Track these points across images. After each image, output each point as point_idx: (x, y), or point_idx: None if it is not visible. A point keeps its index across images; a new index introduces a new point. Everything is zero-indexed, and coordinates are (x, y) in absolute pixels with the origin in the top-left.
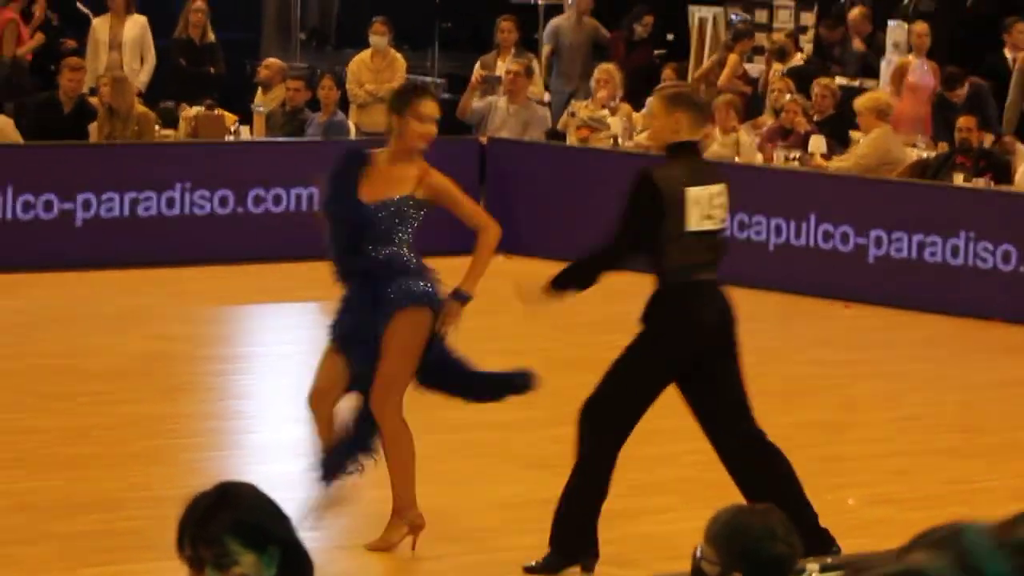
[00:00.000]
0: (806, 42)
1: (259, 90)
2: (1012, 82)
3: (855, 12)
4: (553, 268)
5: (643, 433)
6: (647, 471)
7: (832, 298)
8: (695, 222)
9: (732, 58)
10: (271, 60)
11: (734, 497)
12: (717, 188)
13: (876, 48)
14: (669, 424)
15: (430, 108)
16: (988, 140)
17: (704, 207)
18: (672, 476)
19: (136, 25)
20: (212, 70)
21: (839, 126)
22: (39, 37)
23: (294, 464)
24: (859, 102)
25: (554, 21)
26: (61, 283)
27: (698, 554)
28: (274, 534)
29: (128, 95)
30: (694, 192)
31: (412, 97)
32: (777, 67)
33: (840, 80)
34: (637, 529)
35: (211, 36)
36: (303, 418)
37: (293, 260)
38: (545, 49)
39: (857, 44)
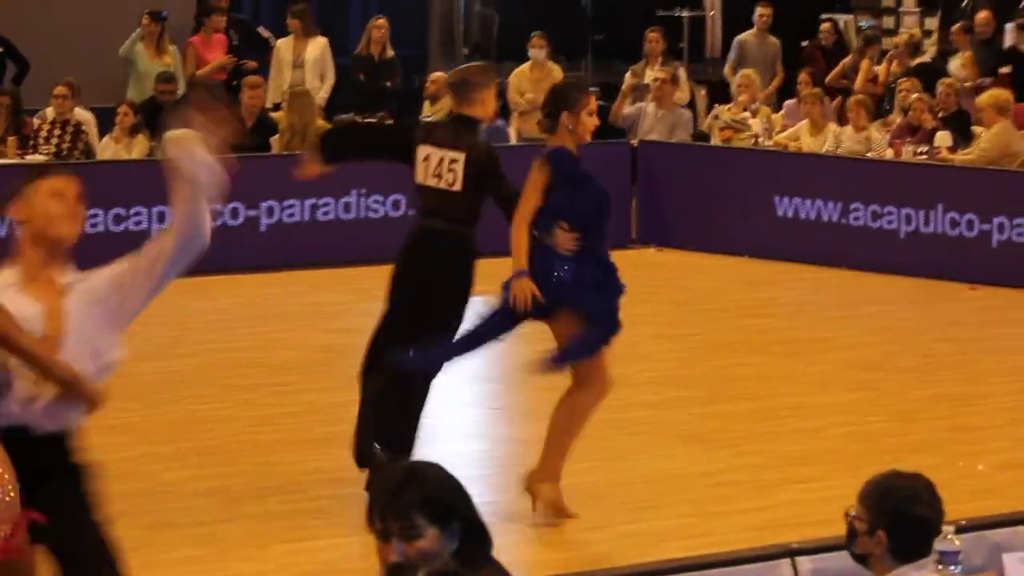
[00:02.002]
0: (930, 45)
1: (427, 102)
2: None
3: (982, 15)
4: (700, 259)
5: (790, 408)
6: (795, 444)
7: (960, 281)
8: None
9: (865, 63)
10: (437, 74)
11: (876, 467)
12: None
13: (996, 49)
14: (815, 400)
15: (595, 104)
16: None
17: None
18: (819, 448)
19: (317, 46)
20: (389, 84)
21: (962, 122)
22: (222, 59)
23: (468, 445)
24: (981, 99)
25: (739, 37)
26: (248, 284)
27: (851, 513)
28: (457, 511)
29: (307, 109)
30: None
31: (582, 95)
32: (895, 68)
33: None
34: (787, 497)
35: (390, 52)
36: (472, 402)
37: None
38: (730, 62)
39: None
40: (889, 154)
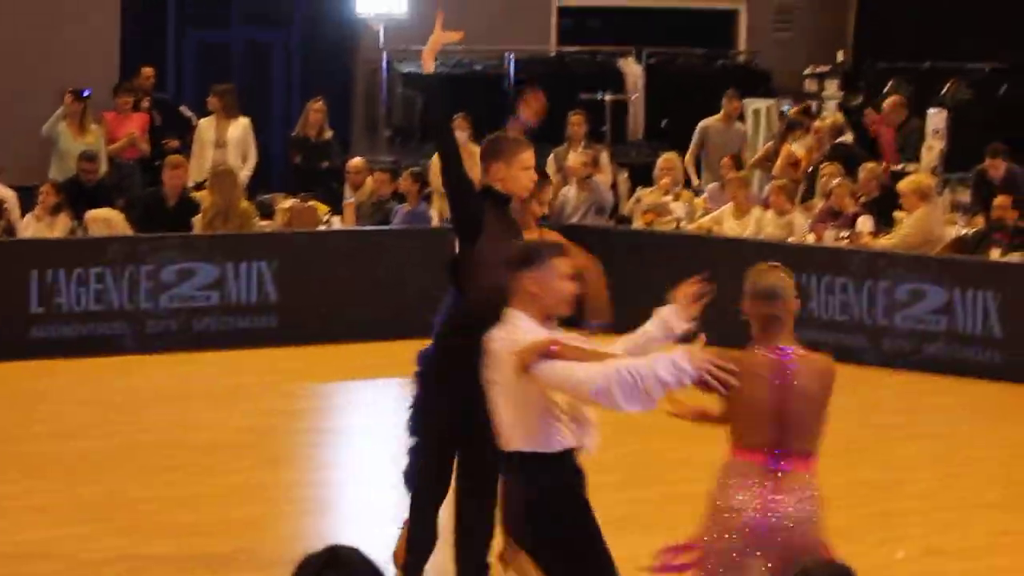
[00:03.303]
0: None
1: (347, 186)
2: None
3: (889, 101)
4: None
5: None
6: None
7: (880, 366)
8: None
9: (785, 148)
10: (356, 162)
11: None
12: None
13: (916, 133)
14: None
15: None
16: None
17: None
18: None
19: (240, 126)
20: (327, 164)
21: (884, 207)
22: (130, 137)
23: (383, 528)
24: (903, 184)
25: (703, 122)
26: (165, 363)
27: None
28: None
29: (231, 189)
30: None
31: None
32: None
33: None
34: None
35: (327, 133)
36: (392, 484)
37: (379, 340)
38: (692, 148)
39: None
40: (811, 239)
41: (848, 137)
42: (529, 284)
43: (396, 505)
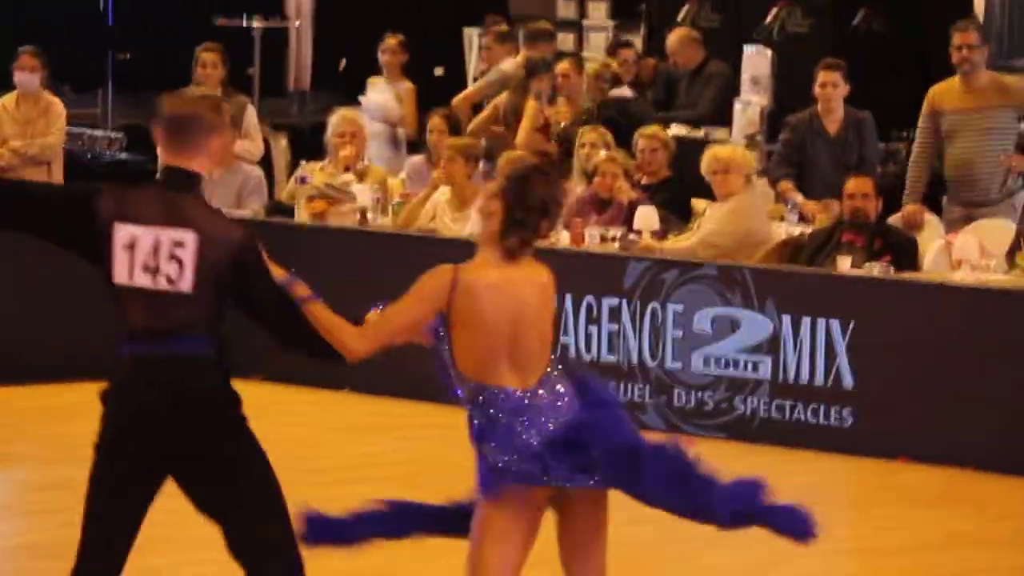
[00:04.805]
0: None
1: None
2: (920, 127)
3: (675, 35)
4: (277, 395)
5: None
6: None
7: (673, 428)
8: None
9: (530, 104)
10: None
11: None
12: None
13: (721, 83)
14: None
15: None
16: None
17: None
18: None
19: None
20: None
21: (677, 193)
22: None
23: None
24: (709, 158)
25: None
26: None
27: None
28: None
29: None
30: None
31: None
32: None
33: (677, 130)
34: None
35: None
36: None
37: None
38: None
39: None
40: (565, 240)
41: (624, 90)
42: None
43: None
